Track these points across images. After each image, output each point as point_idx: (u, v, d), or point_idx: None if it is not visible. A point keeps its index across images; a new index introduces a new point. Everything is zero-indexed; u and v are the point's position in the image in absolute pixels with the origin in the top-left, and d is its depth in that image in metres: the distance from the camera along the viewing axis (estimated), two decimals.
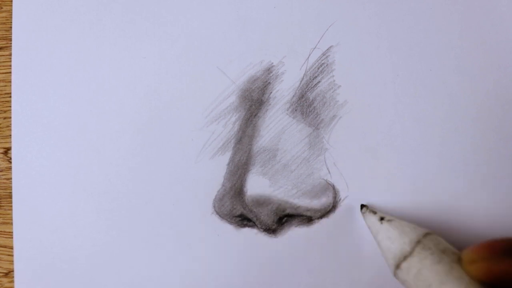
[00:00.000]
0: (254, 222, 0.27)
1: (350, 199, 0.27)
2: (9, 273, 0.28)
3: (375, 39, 0.28)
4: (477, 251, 0.19)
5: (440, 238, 0.22)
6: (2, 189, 0.29)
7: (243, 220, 0.27)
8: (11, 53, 0.29)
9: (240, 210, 0.27)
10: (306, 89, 0.28)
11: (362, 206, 0.26)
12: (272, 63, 0.28)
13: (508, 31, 0.28)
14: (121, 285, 0.27)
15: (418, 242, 0.22)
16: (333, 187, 0.27)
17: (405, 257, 0.22)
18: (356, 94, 0.28)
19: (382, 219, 0.24)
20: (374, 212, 0.25)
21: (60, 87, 0.28)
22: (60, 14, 0.29)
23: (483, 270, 0.18)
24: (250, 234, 0.27)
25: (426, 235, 0.22)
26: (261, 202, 0.27)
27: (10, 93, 0.29)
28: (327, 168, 0.27)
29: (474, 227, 0.26)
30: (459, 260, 0.20)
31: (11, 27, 0.29)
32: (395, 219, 0.24)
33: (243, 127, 0.28)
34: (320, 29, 0.28)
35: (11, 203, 0.28)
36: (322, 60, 0.28)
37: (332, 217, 0.27)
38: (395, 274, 0.22)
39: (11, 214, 0.28)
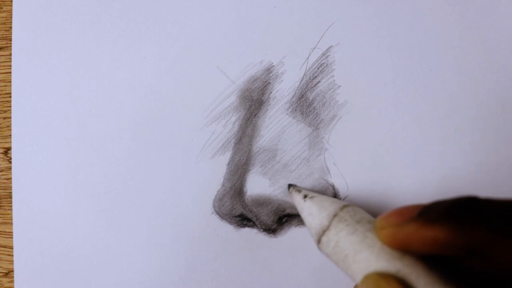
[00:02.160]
0: (254, 222, 0.27)
1: (350, 199, 0.27)
2: (9, 273, 0.28)
3: (375, 39, 0.28)
4: (386, 217, 0.19)
5: (357, 209, 0.22)
6: (2, 189, 0.29)
7: (243, 220, 0.27)
8: (11, 53, 0.29)
9: (240, 210, 0.27)
10: (306, 89, 0.28)
11: (290, 185, 0.26)
12: (272, 63, 0.28)
13: (508, 31, 0.28)
14: (121, 285, 0.27)
15: (335, 215, 0.22)
16: (333, 187, 0.27)
17: (324, 231, 0.22)
18: (356, 94, 0.28)
19: (305, 196, 0.24)
20: (299, 191, 0.25)
21: (60, 87, 0.28)
22: (60, 14, 0.29)
23: (390, 236, 0.18)
24: (250, 234, 0.27)
25: (343, 207, 0.22)
26: (261, 202, 0.27)
27: (10, 93, 0.29)
28: (327, 168, 0.27)
29: None
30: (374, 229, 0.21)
31: (11, 27, 0.29)
32: (318, 196, 0.24)
33: (243, 127, 0.28)
34: (320, 29, 0.28)
35: (11, 203, 0.28)
36: (322, 60, 0.28)
37: None
38: (319, 249, 0.22)
39: (11, 214, 0.28)
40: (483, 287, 0.18)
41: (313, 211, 0.23)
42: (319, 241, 0.22)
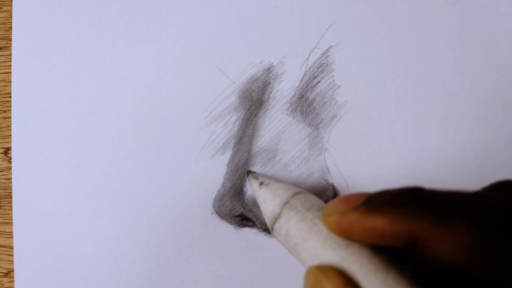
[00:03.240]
0: (254, 222, 0.27)
1: None
2: (9, 273, 0.28)
3: (375, 39, 0.28)
4: (334, 204, 0.19)
5: (309, 195, 0.22)
6: (2, 189, 0.29)
7: (243, 220, 0.27)
8: (11, 53, 0.29)
9: (240, 210, 0.27)
10: (306, 89, 0.28)
11: (248, 172, 0.26)
12: (272, 63, 0.28)
13: (508, 31, 0.28)
14: (121, 285, 0.27)
15: (286, 203, 0.22)
16: (333, 187, 0.27)
17: (276, 219, 0.22)
18: (356, 94, 0.28)
19: (261, 183, 0.24)
20: (256, 178, 0.25)
21: (60, 87, 0.28)
22: (60, 14, 0.29)
23: (335, 223, 0.18)
24: (250, 234, 0.27)
25: (295, 194, 0.22)
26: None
27: (10, 93, 0.29)
28: (327, 168, 0.27)
29: None
30: None
31: (11, 27, 0.29)
32: (273, 183, 0.24)
33: (243, 127, 0.28)
34: (320, 29, 0.28)
35: (11, 203, 0.28)
36: (322, 60, 0.28)
37: None
38: (273, 236, 0.22)
39: (11, 214, 0.28)
40: (430, 278, 0.18)
41: (267, 199, 0.23)
42: (272, 229, 0.22)
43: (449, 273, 0.16)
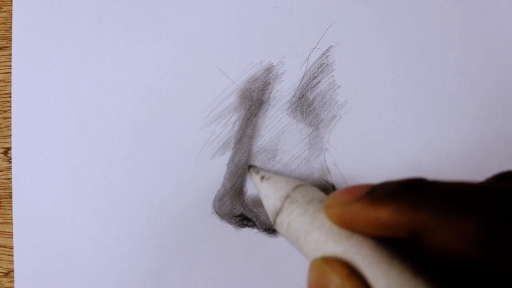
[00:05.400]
0: (254, 222, 0.27)
1: None
2: (9, 273, 0.28)
3: (375, 39, 0.28)
4: (336, 195, 0.19)
5: (310, 188, 0.22)
6: (2, 189, 0.29)
7: (243, 220, 0.27)
8: (11, 53, 0.29)
9: (240, 210, 0.27)
10: (306, 89, 0.28)
11: (249, 166, 0.26)
12: (272, 63, 0.28)
13: (508, 31, 0.28)
14: (121, 285, 0.27)
15: (287, 196, 0.22)
16: (333, 187, 0.27)
17: (277, 213, 0.22)
18: (356, 94, 0.28)
19: (262, 178, 0.24)
20: (258, 172, 0.25)
21: (60, 87, 0.28)
22: (60, 14, 0.29)
23: (337, 215, 0.18)
24: (250, 234, 0.27)
25: (296, 188, 0.22)
26: (261, 202, 0.27)
27: (10, 93, 0.29)
28: (327, 168, 0.27)
29: None
30: None
31: (11, 27, 0.29)
32: (274, 177, 0.24)
33: (243, 127, 0.28)
34: (320, 29, 0.28)
35: (11, 203, 0.28)
36: (322, 60, 0.28)
37: None
38: (276, 230, 0.22)
39: (11, 214, 0.28)
40: (433, 269, 0.18)
41: (268, 193, 0.23)
42: (274, 223, 0.22)
43: (453, 264, 0.16)
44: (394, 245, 0.18)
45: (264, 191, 0.24)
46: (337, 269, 0.17)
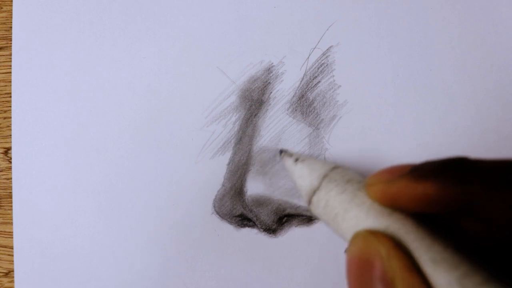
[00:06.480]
0: (254, 222, 0.27)
1: None
2: (9, 273, 0.28)
3: (375, 39, 0.28)
4: (377, 175, 0.19)
5: (347, 170, 0.22)
6: (2, 189, 0.29)
7: (243, 220, 0.27)
8: (11, 53, 0.29)
9: (240, 210, 0.27)
10: (306, 89, 0.28)
11: (281, 151, 0.26)
12: (272, 63, 0.28)
13: (508, 31, 0.28)
14: (121, 285, 0.27)
15: (325, 176, 0.22)
16: None
17: (314, 192, 0.22)
18: (356, 94, 0.28)
19: (296, 160, 0.24)
20: (291, 155, 0.25)
21: (60, 87, 0.28)
22: (60, 14, 0.29)
23: (379, 192, 0.18)
24: (250, 234, 0.27)
25: (333, 168, 0.22)
26: (261, 202, 0.27)
27: (10, 93, 0.29)
28: None
29: None
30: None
31: (11, 27, 0.29)
32: (308, 158, 0.24)
33: (243, 127, 0.28)
34: (320, 29, 0.28)
35: (11, 203, 0.28)
36: (322, 60, 0.28)
37: None
38: (310, 210, 0.23)
39: (11, 214, 0.28)
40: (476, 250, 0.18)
41: (304, 173, 0.23)
42: (309, 202, 0.22)
43: (491, 245, 0.16)
44: (434, 223, 0.18)
45: (299, 172, 0.23)
46: (383, 240, 0.17)
